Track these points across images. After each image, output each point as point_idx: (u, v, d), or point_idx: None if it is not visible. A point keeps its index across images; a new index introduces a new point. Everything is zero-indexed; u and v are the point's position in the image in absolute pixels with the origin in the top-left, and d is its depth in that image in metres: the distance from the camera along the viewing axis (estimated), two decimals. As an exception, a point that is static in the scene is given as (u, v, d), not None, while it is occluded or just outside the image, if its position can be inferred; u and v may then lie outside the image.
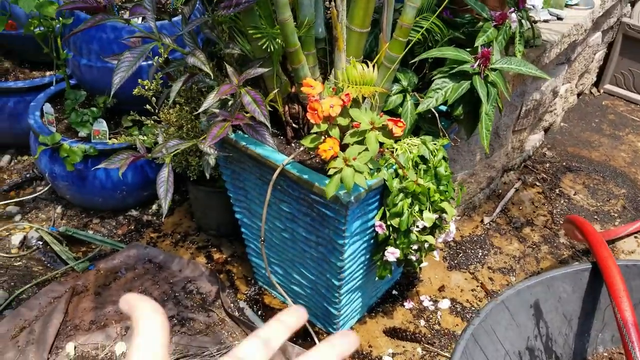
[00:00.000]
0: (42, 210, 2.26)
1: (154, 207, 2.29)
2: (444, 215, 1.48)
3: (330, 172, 1.16)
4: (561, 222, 2.18)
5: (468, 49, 1.40)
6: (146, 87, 1.66)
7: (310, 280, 1.60)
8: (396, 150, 1.38)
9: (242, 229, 1.74)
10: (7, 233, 2.12)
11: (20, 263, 1.99)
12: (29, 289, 1.85)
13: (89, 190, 2.09)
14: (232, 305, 1.80)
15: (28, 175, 2.42)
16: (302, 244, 1.51)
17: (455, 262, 1.95)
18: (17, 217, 2.21)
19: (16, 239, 2.09)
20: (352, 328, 1.72)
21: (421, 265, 1.53)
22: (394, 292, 1.83)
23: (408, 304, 1.77)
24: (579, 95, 3.18)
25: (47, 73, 2.47)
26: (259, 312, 1.79)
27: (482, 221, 2.15)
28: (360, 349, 1.65)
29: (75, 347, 1.62)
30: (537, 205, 2.29)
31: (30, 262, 2.00)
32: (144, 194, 2.23)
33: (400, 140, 1.41)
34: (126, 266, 1.94)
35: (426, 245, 1.47)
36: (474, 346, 1.01)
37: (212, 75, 1.33)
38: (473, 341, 1.01)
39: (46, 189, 2.34)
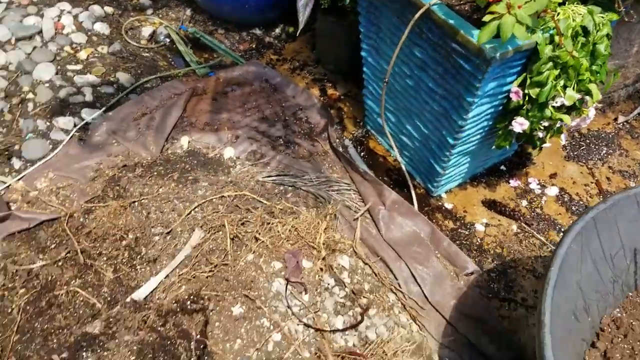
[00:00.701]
0: (172, 10, 2.29)
1: (277, 30, 2.27)
2: (587, 97, 1.36)
3: (487, 18, 1.07)
4: None
5: None
6: None
7: (422, 134, 1.56)
8: (558, 14, 1.24)
9: (364, 69, 1.70)
10: (139, 24, 2.19)
11: (147, 54, 2.07)
12: (153, 80, 1.94)
13: (219, -3, 2.08)
14: (337, 140, 1.82)
15: (163, -28, 2.43)
16: (426, 95, 1.46)
17: (575, 153, 1.84)
18: (149, 11, 2.26)
19: (146, 31, 2.16)
20: (450, 190, 1.70)
21: (543, 145, 1.44)
22: (502, 167, 1.77)
23: (514, 182, 1.72)
24: None
25: None
26: (362, 154, 1.80)
27: (615, 119, 1.97)
28: (455, 211, 1.64)
29: (189, 142, 1.71)
30: (682, 117, 2.06)
31: (156, 56, 2.07)
32: (269, 15, 2.20)
33: (565, 4, 1.26)
34: (244, 80, 1.97)
35: (557, 125, 1.37)
36: (591, 230, 0.97)
37: None
38: (592, 224, 0.97)
39: (179, -12, 2.36)
